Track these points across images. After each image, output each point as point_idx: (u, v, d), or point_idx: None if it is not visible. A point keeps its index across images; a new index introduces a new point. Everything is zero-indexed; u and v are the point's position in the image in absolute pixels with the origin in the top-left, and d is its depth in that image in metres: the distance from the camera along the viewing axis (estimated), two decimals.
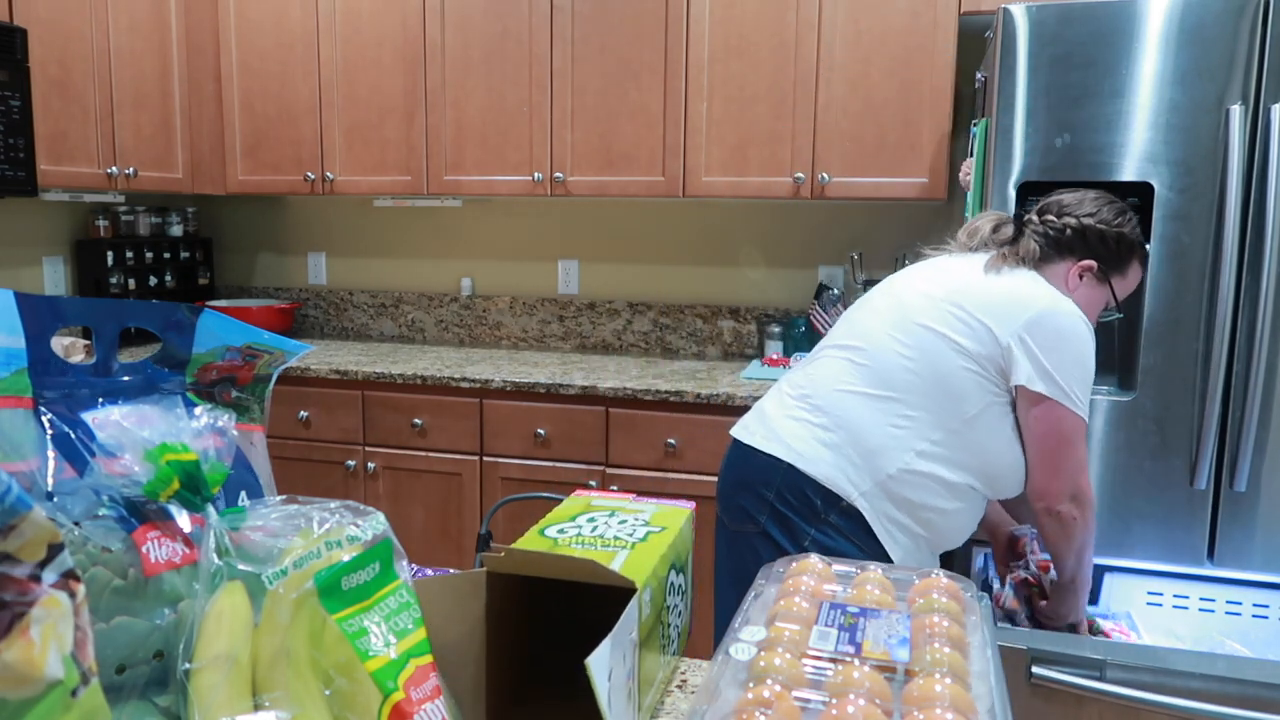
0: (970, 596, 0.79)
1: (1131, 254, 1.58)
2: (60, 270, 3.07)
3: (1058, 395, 1.45)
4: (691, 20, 2.67)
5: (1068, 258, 1.57)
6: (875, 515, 1.50)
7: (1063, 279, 1.56)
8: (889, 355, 1.52)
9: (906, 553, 1.53)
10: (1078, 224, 1.56)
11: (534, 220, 3.28)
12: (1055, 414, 1.47)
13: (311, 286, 3.56)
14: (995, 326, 1.47)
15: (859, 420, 1.51)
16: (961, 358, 1.48)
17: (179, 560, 0.58)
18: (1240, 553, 1.87)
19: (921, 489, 1.50)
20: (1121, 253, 1.57)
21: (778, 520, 1.54)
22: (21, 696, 0.43)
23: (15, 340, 0.58)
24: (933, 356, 1.49)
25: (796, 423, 1.57)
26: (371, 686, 0.57)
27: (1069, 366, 1.46)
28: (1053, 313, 1.47)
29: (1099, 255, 1.56)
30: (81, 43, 2.66)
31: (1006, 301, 1.49)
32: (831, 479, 1.51)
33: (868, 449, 1.50)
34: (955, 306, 1.51)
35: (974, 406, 1.49)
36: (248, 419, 0.72)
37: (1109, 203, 1.58)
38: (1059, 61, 1.86)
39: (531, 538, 0.82)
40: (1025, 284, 1.51)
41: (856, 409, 1.52)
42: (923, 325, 1.52)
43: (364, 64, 2.98)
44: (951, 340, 1.49)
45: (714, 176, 2.72)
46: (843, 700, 0.60)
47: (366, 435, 2.78)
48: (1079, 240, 1.56)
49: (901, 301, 1.57)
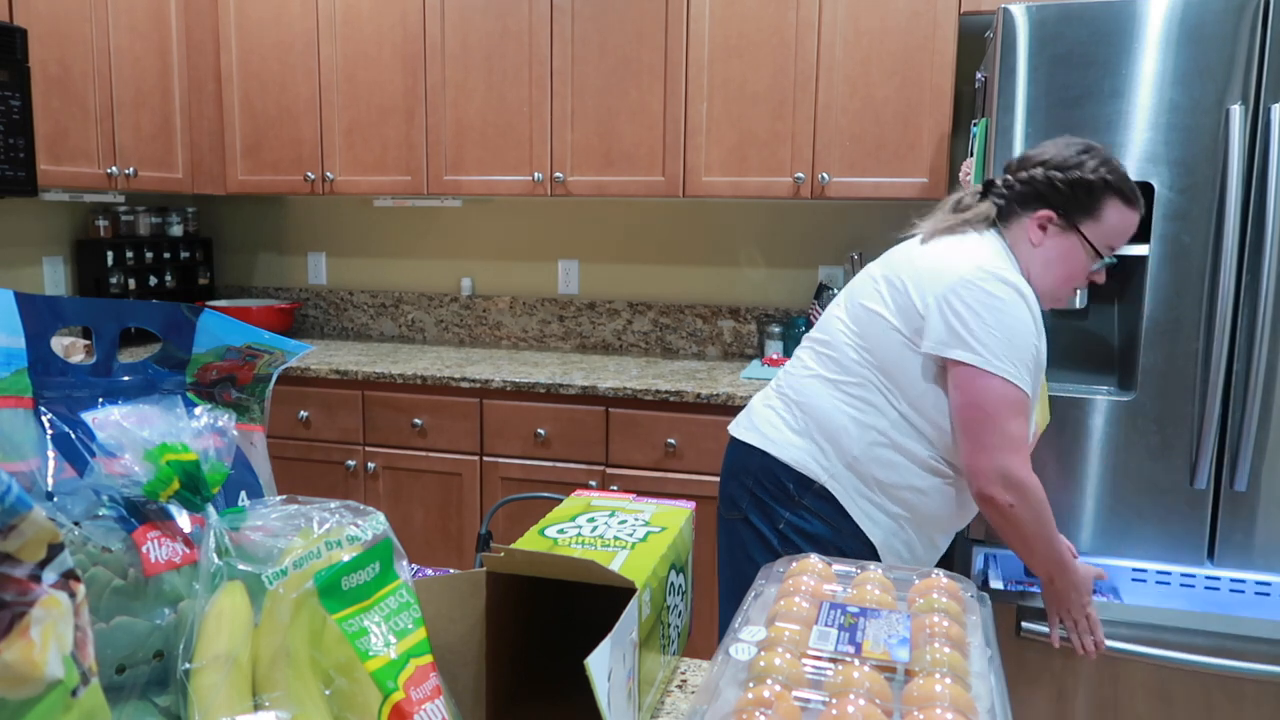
0: (970, 596, 0.79)
1: (1097, 195, 1.45)
2: (60, 270, 3.07)
3: (976, 362, 1.37)
4: (691, 20, 2.67)
5: (1028, 211, 1.49)
6: (847, 496, 1.51)
7: (1025, 235, 1.49)
8: (840, 340, 1.54)
9: (889, 533, 1.52)
10: (1029, 175, 1.48)
11: (534, 220, 3.28)
12: (976, 383, 1.38)
13: (311, 286, 3.56)
14: (915, 294, 1.44)
15: (821, 405, 1.53)
16: (897, 333, 1.47)
17: (179, 560, 0.58)
18: (1240, 552, 1.87)
19: (889, 468, 1.49)
20: (1081, 196, 1.45)
21: (757, 506, 1.58)
22: (21, 696, 0.43)
23: (15, 340, 0.58)
24: (874, 336, 1.50)
25: (770, 410, 1.62)
26: (371, 686, 0.57)
27: (990, 332, 1.37)
28: (975, 278, 1.39)
29: (1057, 203, 1.46)
30: (81, 43, 2.66)
31: (932, 268, 1.45)
32: (801, 462, 1.53)
33: (831, 432, 1.51)
34: (888, 283, 1.51)
35: (921, 381, 1.45)
36: (248, 419, 0.72)
37: (1070, 144, 1.49)
38: (1059, 61, 1.86)
39: (531, 538, 0.82)
40: (958, 249, 1.45)
41: (819, 395, 1.54)
42: (863, 305, 1.53)
43: (364, 64, 2.98)
44: (884, 318, 1.49)
45: (714, 176, 2.72)
46: (843, 700, 0.60)
47: (366, 435, 2.78)
48: (1034, 191, 1.48)
49: (851, 287, 1.60)
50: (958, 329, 1.38)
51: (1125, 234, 1.48)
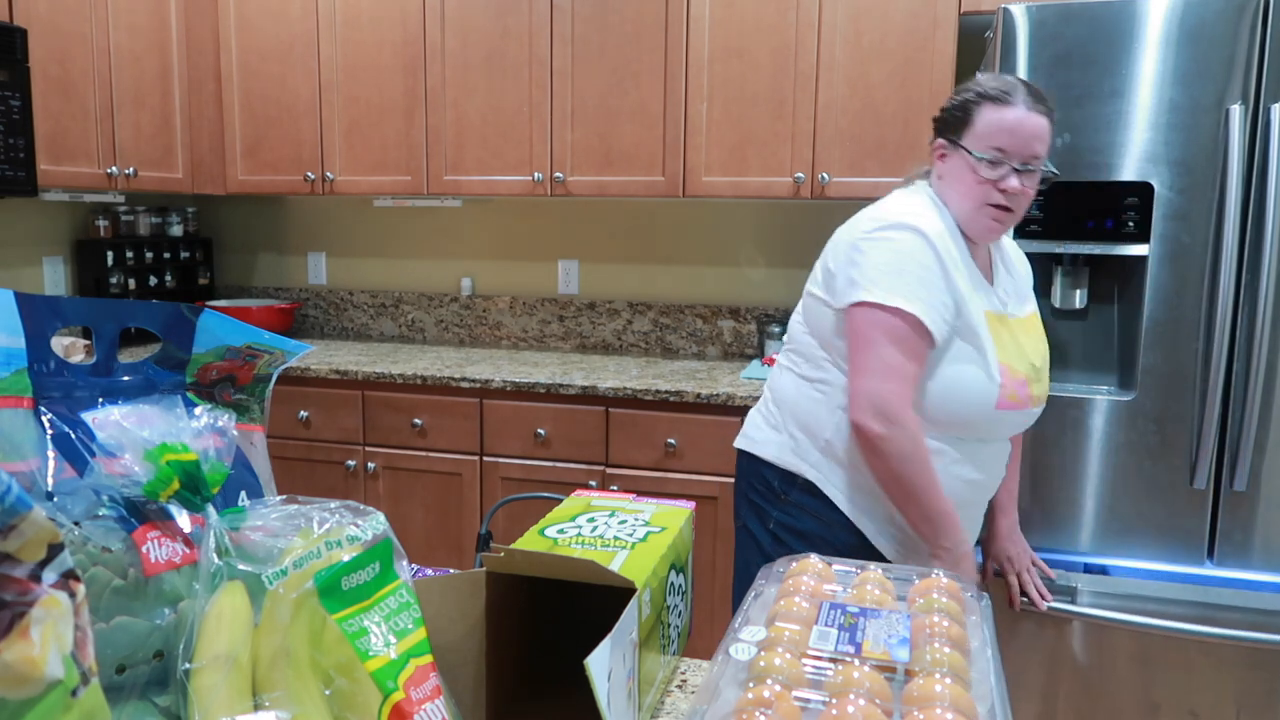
0: (970, 596, 0.79)
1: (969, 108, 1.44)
2: (60, 270, 3.07)
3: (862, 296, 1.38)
4: (691, 21, 2.67)
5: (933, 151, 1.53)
6: (829, 484, 1.50)
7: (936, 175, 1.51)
8: (796, 330, 1.58)
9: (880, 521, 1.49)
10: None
11: (534, 220, 3.28)
12: (857, 314, 1.40)
13: (311, 286, 3.56)
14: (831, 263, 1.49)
15: (789, 395, 1.56)
16: (826, 305, 1.49)
17: (179, 560, 0.58)
18: (1240, 552, 1.87)
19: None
20: (958, 114, 1.46)
21: (751, 509, 1.60)
22: (21, 696, 0.43)
23: (15, 340, 0.58)
24: (813, 314, 1.52)
25: (755, 413, 1.66)
26: (371, 686, 0.57)
27: (876, 267, 1.39)
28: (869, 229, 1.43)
29: (943, 131, 1.49)
30: (81, 43, 2.66)
31: (841, 235, 1.50)
32: (780, 456, 1.54)
33: (802, 420, 1.53)
34: (820, 263, 1.55)
35: None
36: (248, 419, 0.72)
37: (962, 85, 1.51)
38: (1059, 61, 1.86)
39: (531, 538, 0.82)
40: (867, 211, 1.49)
41: (786, 386, 1.57)
42: (807, 291, 1.57)
43: (364, 64, 2.98)
44: (817, 295, 1.52)
45: (714, 176, 2.72)
46: (843, 700, 0.60)
47: (366, 435, 2.78)
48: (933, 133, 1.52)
49: None
50: (853, 277, 1.42)
51: (1005, 130, 1.41)
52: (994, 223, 1.45)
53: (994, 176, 1.41)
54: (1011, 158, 1.41)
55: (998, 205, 1.43)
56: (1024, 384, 1.46)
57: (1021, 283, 1.60)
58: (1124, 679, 1.91)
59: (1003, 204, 1.42)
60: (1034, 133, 1.41)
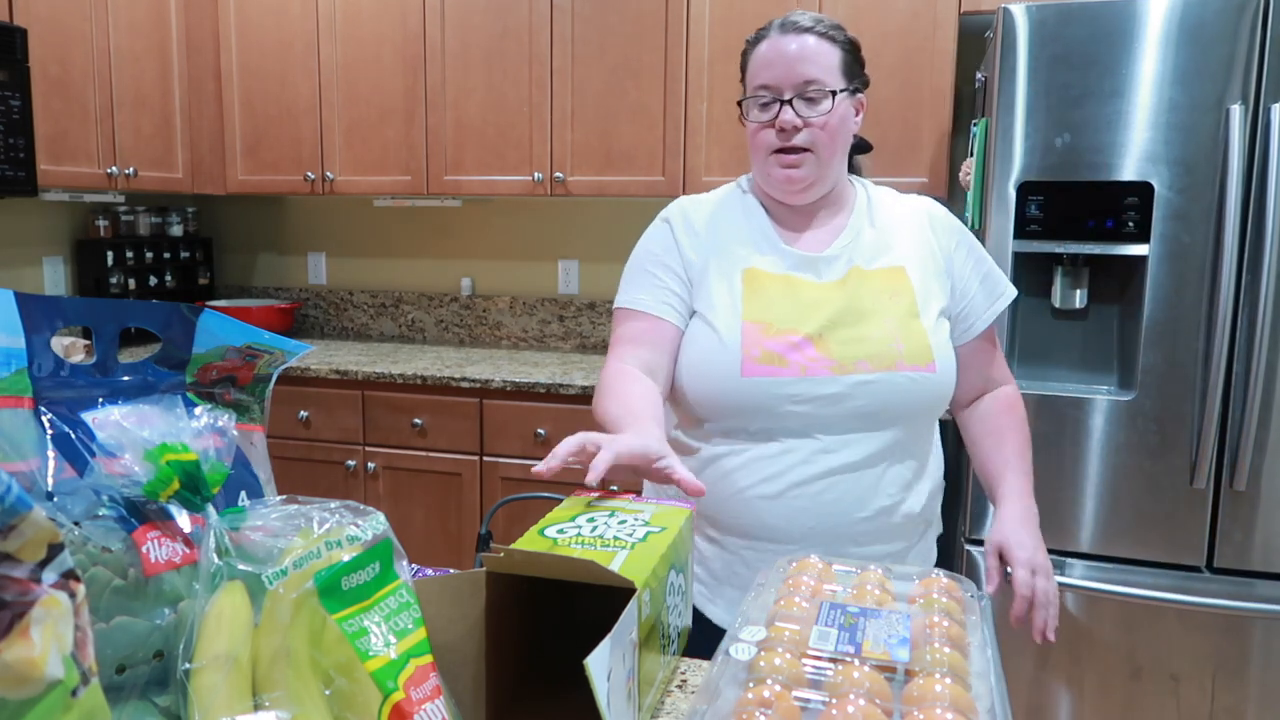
0: (970, 596, 0.79)
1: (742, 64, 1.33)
2: (60, 270, 3.07)
3: None
4: (691, 20, 2.67)
5: None
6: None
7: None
8: None
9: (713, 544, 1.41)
10: None
11: (534, 220, 3.28)
12: None
13: (311, 286, 3.56)
14: None
15: None
16: None
17: (179, 560, 0.58)
18: (1240, 552, 1.87)
19: None
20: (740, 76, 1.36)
21: None
22: (21, 696, 0.43)
23: (15, 340, 0.58)
24: None
25: None
26: (371, 686, 0.57)
27: None
28: None
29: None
30: (81, 43, 2.66)
31: None
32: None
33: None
34: None
35: None
36: (248, 419, 0.72)
37: None
38: (1059, 61, 1.86)
39: (531, 538, 0.82)
40: None
41: None
42: None
43: (364, 64, 2.98)
44: None
45: (714, 176, 2.72)
46: (843, 700, 0.60)
47: (366, 435, 2.78)
48: None
49: None
50: None
51: (763, 63, 1.27)
52: (783, 171, 1.26)
53: (767, 118, 1.26)
54: (781, 90, 1.23)
55: (781, 150, 1.25)
56: (801, 345, 1.21)
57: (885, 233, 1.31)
58: (1109, 644, 1.98)
59: (784, 146, 1.24)
60: (796, 55, 1.23)
